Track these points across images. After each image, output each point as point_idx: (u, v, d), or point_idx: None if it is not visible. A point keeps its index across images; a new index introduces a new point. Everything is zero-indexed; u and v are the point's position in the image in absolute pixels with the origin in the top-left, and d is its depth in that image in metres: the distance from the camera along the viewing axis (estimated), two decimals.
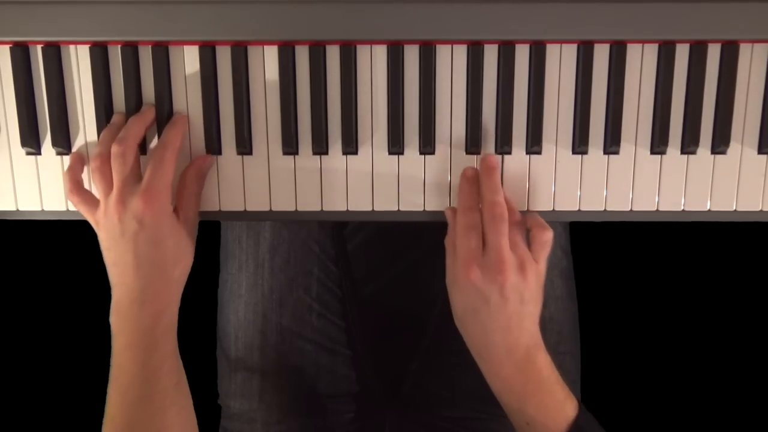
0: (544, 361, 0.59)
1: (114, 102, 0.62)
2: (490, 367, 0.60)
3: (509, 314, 0.58)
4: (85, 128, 0.62)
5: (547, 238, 0.60)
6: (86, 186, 0.63)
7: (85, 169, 0.63)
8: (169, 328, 0.60)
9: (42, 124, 0.62)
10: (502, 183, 0.62)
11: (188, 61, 0.61)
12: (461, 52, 0.61)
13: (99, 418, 0.60)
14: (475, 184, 0.61)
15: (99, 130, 0.62)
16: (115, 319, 0.59)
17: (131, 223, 0.57)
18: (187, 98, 0.62)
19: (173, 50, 0.61)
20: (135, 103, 0.61)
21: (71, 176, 0.61)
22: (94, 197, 0.61)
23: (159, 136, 0.62)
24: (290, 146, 0.62)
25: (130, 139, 0.59)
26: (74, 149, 0.63)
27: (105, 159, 0.59)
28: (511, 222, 0.59)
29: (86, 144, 0.63)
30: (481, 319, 0.58)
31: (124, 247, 0.58)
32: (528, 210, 0.63)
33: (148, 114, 0.61)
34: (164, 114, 0.62)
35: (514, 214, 0.60)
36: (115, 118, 0.62)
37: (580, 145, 0.61)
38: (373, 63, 0.61)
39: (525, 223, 0.61)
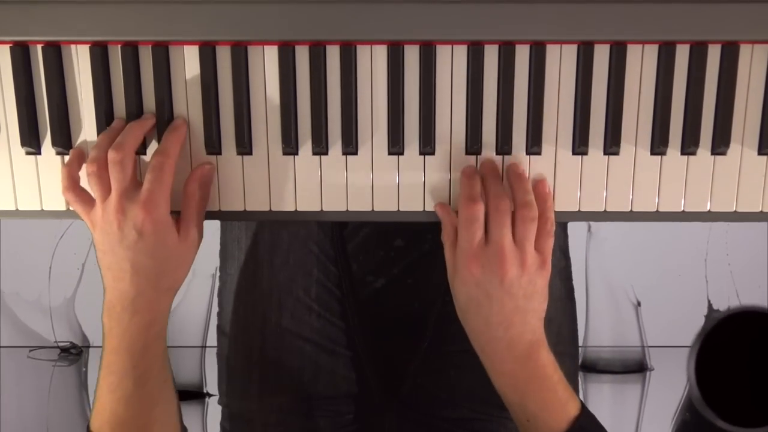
0: (546, 359, 0.59)
1: (114, 102, 0.62)
2: (492, 362, 0.60)
3: (511, 309, 0.57)
4: (85, 128, 0.62)
5: (548, 227, 0.59)
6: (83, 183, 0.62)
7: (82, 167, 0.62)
8: (160, 334, 0.61)
9: (42, 124, 0.62)
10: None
11: (188, 61, 0.61)
12: (461, 52, 0.61)
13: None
14: (474, 178, 0.60)
15: (99, 130, 0.62)
16: (107, 321, 0.59)
17: (131, 232, 0.57)
18: (187, 98, 0.62)
19: (173, 50, 0.61)
20: (135, 103, 0.61)
21: (68, 173, 0.60)
22: (90, 196, 0.60)
23: (158, 139, 0.62)
24: (290, 146, 0.62)
25: (128, 145, 0.58)
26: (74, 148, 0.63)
27: (102, 164, 0.58)
28: (525, 218, 0.58)
29: (86, 143, 0.63)
30: (482, 312, 0.58)
31: (121, 254, 0.57)
32: None
33: (147, 120, 0.61)
34: (164, 113, 0.61)
35: (531, 210, 0.58)
36: (115, 123, 0.61)
37: (580, 145, 0.61)
38: (373, 63, 0.61)
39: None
